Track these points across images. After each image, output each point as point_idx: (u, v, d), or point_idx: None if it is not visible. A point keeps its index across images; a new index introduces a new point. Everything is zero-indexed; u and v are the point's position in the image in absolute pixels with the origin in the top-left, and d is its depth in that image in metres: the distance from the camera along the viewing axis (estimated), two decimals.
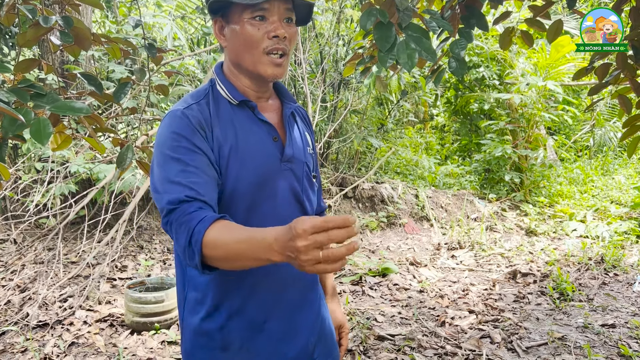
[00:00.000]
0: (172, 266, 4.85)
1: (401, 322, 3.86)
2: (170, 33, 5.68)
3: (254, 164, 1.35)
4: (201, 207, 1.18)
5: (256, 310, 1.40)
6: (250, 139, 1.36)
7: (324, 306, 1.60)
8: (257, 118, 1.38)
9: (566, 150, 10.22)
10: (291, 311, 1.46)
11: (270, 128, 1.39)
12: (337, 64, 7.61)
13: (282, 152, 1.40)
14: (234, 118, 1.36)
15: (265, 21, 1.29)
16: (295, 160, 1.43)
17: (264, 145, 1.37)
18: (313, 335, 1.51)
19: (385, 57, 1.92)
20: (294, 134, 1.46)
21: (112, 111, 5.24)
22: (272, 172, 1.38)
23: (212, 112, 1.34)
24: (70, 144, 1.89)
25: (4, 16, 1.66)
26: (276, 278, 1.41)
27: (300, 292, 1.48)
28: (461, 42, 2.35)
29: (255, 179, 1.35)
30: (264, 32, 1.29)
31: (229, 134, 1.33)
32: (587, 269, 5.08)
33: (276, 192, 1.39)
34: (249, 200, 1.35)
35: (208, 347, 1.38)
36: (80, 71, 1.86)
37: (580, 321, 3.85)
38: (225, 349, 1.37)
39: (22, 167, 5.08)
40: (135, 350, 3.30)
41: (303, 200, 1.45)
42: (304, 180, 1.46)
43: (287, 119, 1.44)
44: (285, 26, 1.31)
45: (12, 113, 1.14)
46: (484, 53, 8.44)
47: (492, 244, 6.00)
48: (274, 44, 1.30)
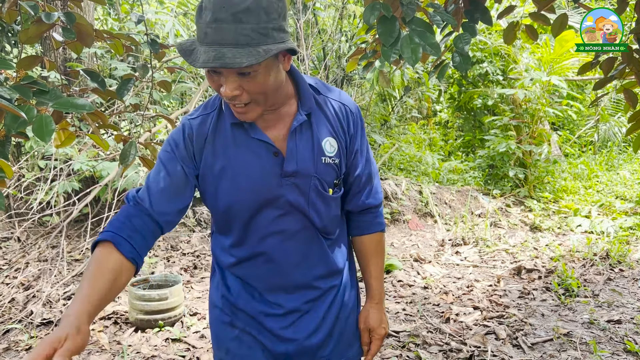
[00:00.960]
0: (175, 264, 4.85)
1: (405, 318, 3.85)
2: (172, 30, 5.67)
3: (249, 182, 1.35)
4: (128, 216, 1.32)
5: (258, 294, 1.47)
6: (247, 156, 1.35)
7: (348, 304, 1.57)
8: (253, 137, 1.34)
9: (570, 145, 10.18)
10: (295, 300, 1.46)
11: (269, 145, 1.34)
12: (339, 60, 7.59)
13: (282, 167, 1.35)
14: (232, 134, 1.36)
15: (219, 74, 1.20)
16: (300, 174, 1.36)
17: (261, 162, 1.35)
18: (322, 330, 1.49)
19: (389, 52, 1.91)
20: (301, 146, 1.36)
21: (114, 108, 5.24)
22: (271, 188, 1.36)
23: (211, 127, 1.37)
24: (74, 140, 1.88)
25: (6, 13, 1.65)
26: (274, 266, 1.44)
27: (307, 282, 1.48)
28: (465, 36, 2.34)
29: (250, 197, 1.36)
30: (217, 85, 1.21)
31: (223, 151, 1.35)
32: (592, 264, 5.06)
33: (277, 206, 1.38)
34: (246, 215, 1.38)
35: (220, 320, 1.50)
36: (83, 68, 1.86)
37: (586, 317, 3.84)
38: (233, 326, 1.48)
39: (25, 165, 5.08)
40: (139, 347, 3.30)
41: (309, 213, 1.41)
42: (311, 193, 1.39)
43: (292, 132, 1.35)
44: (242, 81, 1.19)
45: (14, 110, 1.13)
46: (488, 48, 8.40)
47: (496, 240, 5.98)
48: (229, 100, 1.23)
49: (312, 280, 1.48)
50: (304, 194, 1.38)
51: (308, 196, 1.39)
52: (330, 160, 1.40)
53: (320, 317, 1.49)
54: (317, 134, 1.39)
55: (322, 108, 1.41)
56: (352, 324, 1.59)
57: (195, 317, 3.77)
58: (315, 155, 1.38)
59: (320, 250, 1.47)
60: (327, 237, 1.49)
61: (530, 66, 8.19)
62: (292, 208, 1.39)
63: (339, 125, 1.43)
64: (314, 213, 1.41)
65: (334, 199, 1.44)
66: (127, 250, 1.25)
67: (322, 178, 1.39)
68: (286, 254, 1.43)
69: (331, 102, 1.44)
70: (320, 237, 1.46)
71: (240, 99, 1.21)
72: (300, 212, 1.40)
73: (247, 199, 1.36)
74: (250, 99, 1.22)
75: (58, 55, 5.46)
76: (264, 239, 1.41)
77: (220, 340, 1.51)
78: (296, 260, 1.44)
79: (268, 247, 1.42)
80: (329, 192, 1.42)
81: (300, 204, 1.39)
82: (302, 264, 1.45)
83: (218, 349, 1.52)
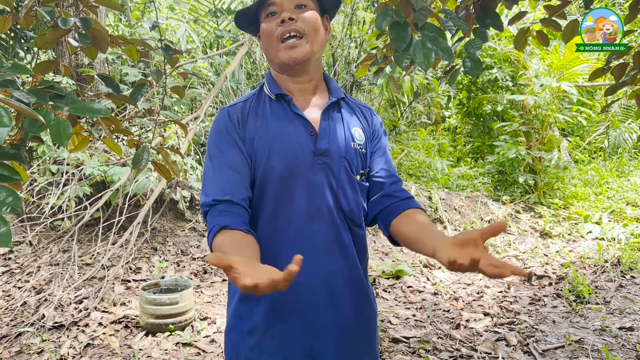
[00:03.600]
0: (185, 268, 4.87)
1: (415, 324, 3.84)
2: (184, 35, 5.71)
3: (283, 156, 1.41)
4: (223, 211, 1.35)
5: (279, 299, 1.43)
6: (284, 131, 1.44)
7: (364, 310, 1.53)
8: (292, 111, 1.45)
9: (580, 151, 10.12)
10: (316, 305, 1.45)
11: (305, 122, 1.44)
12: (349, 66, 7.61)
13: (315, 145, 1.43)
14: (271, 112, 1.47)
15: (277, 15, 1.41)
16: (332, 154, 1.43)
17: (298, 138, 1.43)
18: (341, 339, 1.47)
19: (401, 57, 1.91)
20: (333, 127, 1.47)
21: (127, 113, 5.28)
22: (304, 165, 1.42)
23: (251, 108, 1.49)
24: (87, 145, 1.90)
25: (23, 18, 1.67)
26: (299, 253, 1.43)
27: (328, 287, 1.46)
28: (476, 42, 2.34)
29: (284, 170, 1.41)
30: (275, 23, 1.41)
31: (263, 125, 1.45)
32: (604, 271, 5.02)
33: (309, 184, 1.42)
34: (278, 189, 1.42)
35: (238, 330, 1.47)
36: (98, 73, 1.88)
37: (598, 324, 3.81)
38: (251, 333, 1.44)
39: (37, 169, 5.12)
40: (150, 351, 3.31)
41: (339, 195, 1.45)
42: (342, 174, 1.45)
43: (325, 112, 1.47)
44: (297, 12, 1.41)
45: (32, 114, 1.15)
46: (497, 54, 8.39)
47: (506, 246, 5.95)
48: (283, 28, 1.39)
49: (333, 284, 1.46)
50: (334, 174, 1.44)
51: (338, 177, 1.44)
52: (358, 147, 1.48)
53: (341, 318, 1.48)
54: (348, 121, 1.51)
55: (348, 104, 1.56)
56: (372, 327, 1.56)
57: (206, 322, 3.78)
58: (345, 137, 1.47)
59: (345, 237, 1.47)
60: (353, 225, 1.49)
61: (540, 72, 8.17)
62: (325, 188, 1.43)
63: (365, 122, 1.56)
64: (342, 196, 1.45)
65: (360, 184, 1.49)
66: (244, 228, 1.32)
67: (351, 161, 1.46)
68: (312, 237, 1.43)
69: (355, 103, 1.60)
70: (346, 223, 1.47)
71: (296, 26, 1.39)
72: (332, 194, 1.44)
73: (280, 171, 1.41)
74: (303, 31, 1.40)
75: (71, 61, 5.51)
76: (292, 220, 1.42)
77: (239, 349, 1.48)
78: (322, 245, 1.44)
79: (297, 228, 1.42)
80: (357, 178, 1.47)
81: (333, 185, 1.44)
82: (327, 250, 1.45)
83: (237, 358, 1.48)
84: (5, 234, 1.16)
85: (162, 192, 5.36)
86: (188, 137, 4.82)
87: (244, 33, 6.60)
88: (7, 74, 1.42)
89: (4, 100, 1.21)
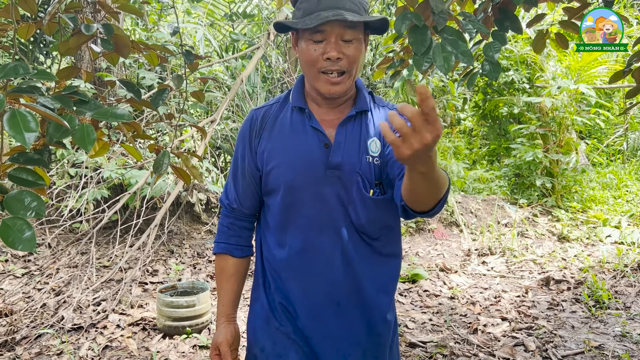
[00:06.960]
0: (201, 271, 4.89)
1: (432, 328, 3.82)
2: (202, 39, 5.74)
3: (296, 167, 1.43)
4: (230, 223, 1.61)
5: (287, 300, 1.51)
6: (299, 142, 1.45)
7: (378, 325, 1.57)
8: (310, 125, 1.46)
9: (598, 154, 10.00)
10: (324, 312, 1.48)
11: (321, 135, 1.44)
12: (364, 69, 7.60)
13: (329, 158, 1.43)
14: (291, 122, 1.48)
15: (323, 42, 1.36)
16: (344, 168, 1.43)
17: (312, 150, 1.43)
18: (355, 349, 1.50)
19: (421, 61, 1.91)
20: (349, 141, 1.45)
21: (149, 118, 5.32)
22: (316, 178, 1.43)
23: (273, 113, 1.52)
24: (108, 150, 1.92)
25: (46, 25, 1.69)
26: (302, 274, 1.48)
27: (332, 296, 1.48)
28: (495, 44, 2.33)
29: (295, 182, 1.43)
30: (320, 53, 1.37)
31: (278, 135, 1.48)
32: (623, 276, 4.95)
33: (320, 197, 1.43)
34: (289, 200, 1.45)
35: (257, 315, 1.58)
36: (119, 79, 1.90)
37: (618, 330, 3.75)
38: (268, 322, 1.53)
39: (55, 172, 5.19)
40: (167, 354, 3.33)
41: (349, 209, 1.44)
42: (353, 189, 1.43)
43: (342, 125, 1.46)
44: (343, 46, 1.36)
45: (58, 119, 1.16)
46: (514, 56, 8.32)
47: (523, 250, 5.90)
48: (328, 65, 1.37)
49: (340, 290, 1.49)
50: (346, 189, 1.44)
51: (350, 192, 1.44)
52: (372, 160, 1.46)
53: (355, 328, 1.52)
54: (365, 133, 1.47)
55: (373, 111, 1.53)
56: (390, 337, 1.64)
57: None
58: (360, 152, 1.45)
59: (352, 251, 1.47)
60: (369, 239, 1.49)
61: (557, 74, 8.09)
62: (336, 203, 1.44)
63: None
64: (353, 212, 1.45)
65: (374, 200, 1.45)
66: (239, 253, 1.60)
67: (364, 176, 1.44)
68: (321, 249, 1.45)
69: (383, 105, 1.58)
70: (359, 236, 1.47)
71: (340, 65, 1.36)
72: (343, 208, 1.44)
73: (292, 182, 1.44)
74: (346, 69, 1.38)
75: (90, 66, 5.57)
76: (301, 230, 1.46)
77: (257, 336, 1.55)
78: (328, 256, 1.46)
79: (305, 239, 1.46)
80: (369, 193, 1.45)
81: (343, 199, 1.44)
82: (332, 261, 1.46)
83: (255, 344, 1.55)
84: (30, 238, 1.18)
85: (179, 194, 5.39)
86: (205, 140, 4.84)
87: (259, 37, 6.63)
88: (32, 80, 1.44)
89: (30, 105, 1.23)
